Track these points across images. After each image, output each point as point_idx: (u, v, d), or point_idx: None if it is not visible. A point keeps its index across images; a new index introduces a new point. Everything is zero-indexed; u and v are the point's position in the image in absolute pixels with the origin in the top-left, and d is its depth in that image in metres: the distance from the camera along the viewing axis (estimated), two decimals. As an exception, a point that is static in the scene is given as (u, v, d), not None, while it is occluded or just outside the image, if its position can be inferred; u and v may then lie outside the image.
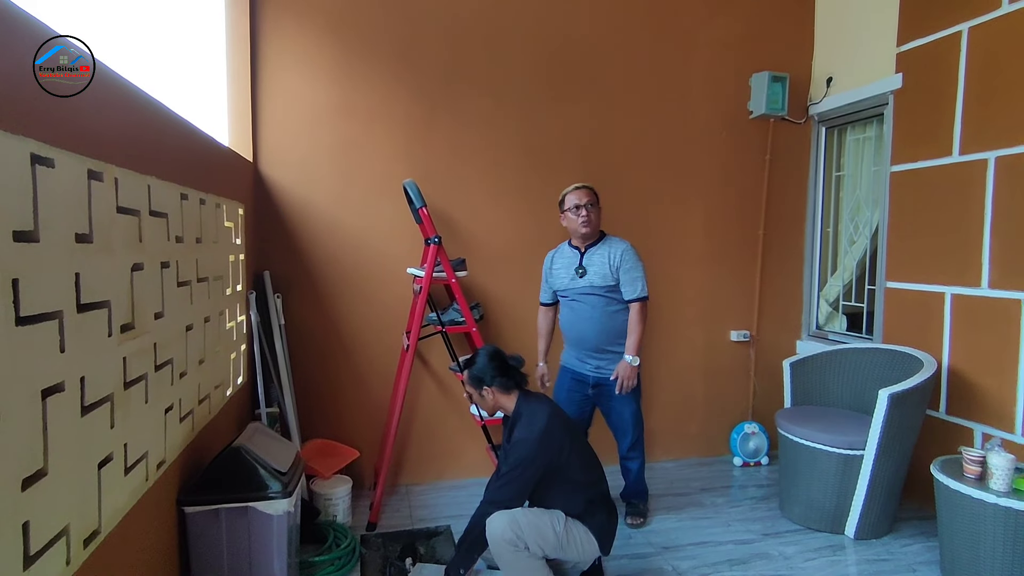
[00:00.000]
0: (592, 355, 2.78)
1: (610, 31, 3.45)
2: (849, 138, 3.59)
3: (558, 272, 2.84)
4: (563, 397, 2.87)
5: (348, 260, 3.21)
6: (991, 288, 2.63)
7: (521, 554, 1.99)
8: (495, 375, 2.19)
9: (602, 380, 2.78)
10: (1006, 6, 2.56)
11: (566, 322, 2.86)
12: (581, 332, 2.78)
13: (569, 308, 2.83)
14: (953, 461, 2.39)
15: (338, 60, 3.14)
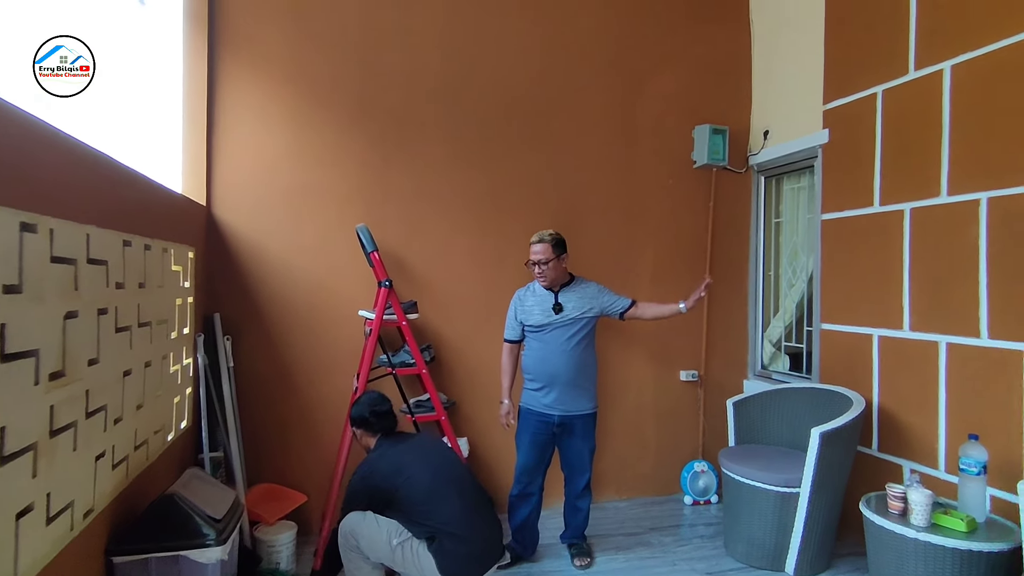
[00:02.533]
0: (563, 390, 2.82)
1: (563, 82, 3.63)
2: (786, 187, 3.81)
3: (531, 308, 2.89)
4: (528, 440, 2.88)
5: (300, 302, 3.24)
6: (912, 331, 2.79)
7: (352, 553, 2.30)
8: (360, 420, 2.50)
9: (567, 419, 2.83)
10: (912, 72, 2.80)
11: (536, 359, 2.87)
12: (554, 367, 2.82)
13: (542, 343, 2.86)
14: (881, 497, 2.49)
15: (294, 107, 3.24)
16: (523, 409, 2.91)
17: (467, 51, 3.49)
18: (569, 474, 2.98)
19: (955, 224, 2.59)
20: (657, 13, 3.77)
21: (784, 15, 3.64)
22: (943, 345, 2.63)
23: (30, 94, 1.27)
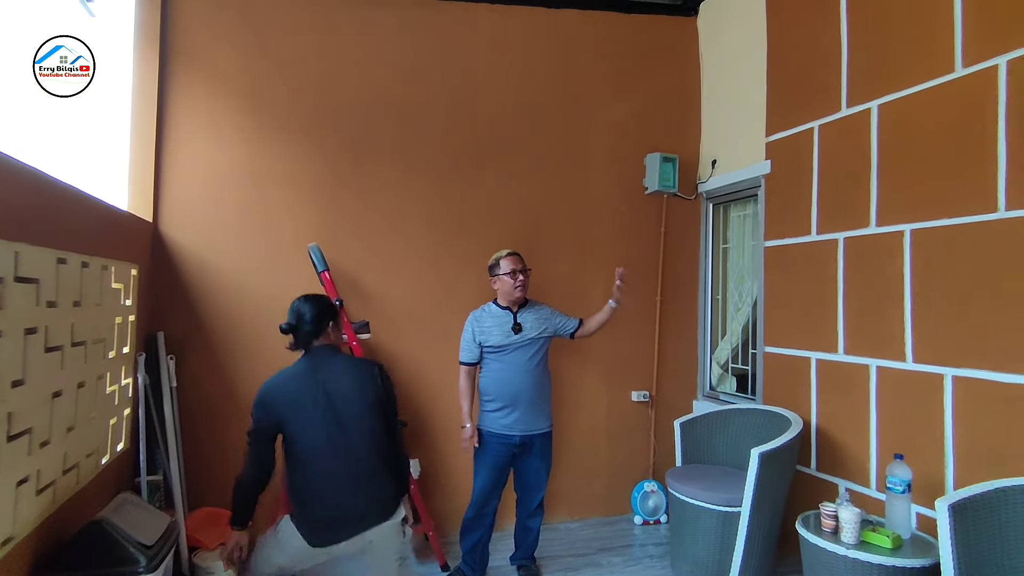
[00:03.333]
0: (524, 410, 2.84)
1: (518, 108, 3.71)
2: (733, 214, 3.96)
3: (490, 329, 2.91)
4: (489, 462, 2.88)
5: (250, 321, 3.20)
6: (846, 354, 2.91)
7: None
8: (285, 328, 2.21)
9: (527, 438, 2.86)
10: (844, 110, 2.97)
11: (498, 380, 2.88)
12: (517, 386, 2.85)
13: (502, 364, 2.88)
14: (815, 516, 2.57)
15: (248, 124, 3.23)
16: (483, 432, 2.90)
17: (424, 74, 3.55)
18: (523, 494, 2.99)
19: (883, 254, 2.73)
20: (612, 47, 3.90)
21: (730, 52, 3.82)
22: (873, 368, 2.76)
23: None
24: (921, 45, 2.59)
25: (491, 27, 3.68)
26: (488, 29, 3.67)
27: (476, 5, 3.65)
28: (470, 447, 2.91)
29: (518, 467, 2.95)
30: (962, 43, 2.43)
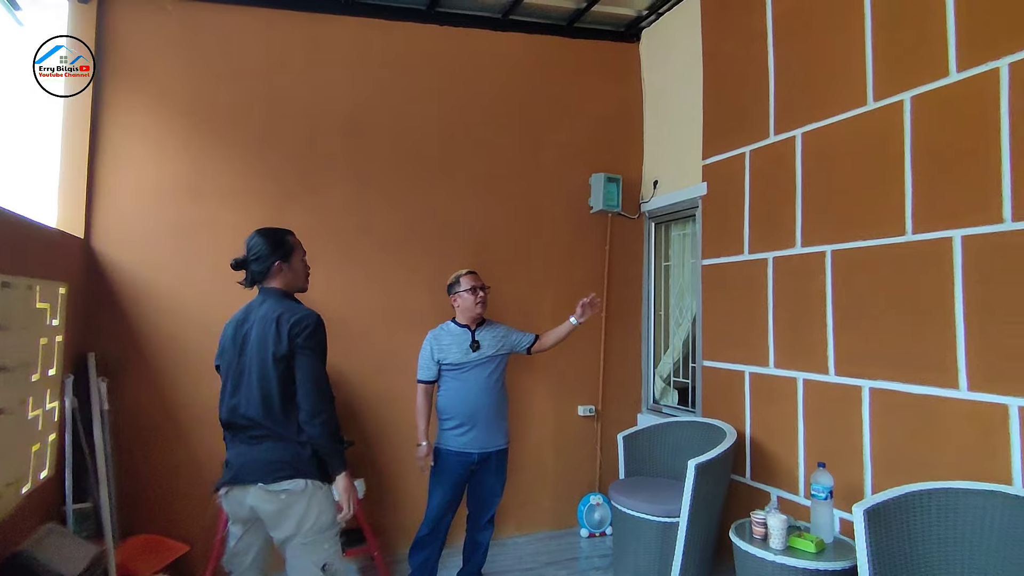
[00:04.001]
0: (483, 427, 2.88)
1: (467, 128, 3.78)
2: (674, 233, 4.12)
3: (449, 347, 2.93)
4: (447, 480, 2.88)
5: (190, 341, 3.12)
6: (776, 368, 3.07)
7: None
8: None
9: (485, 455, 2.89)
10: (772, 136, 3.15)
11: (456, 398, 2.89)
12: (475, 405, 2.88)
13: (461, 382, 2.90)
14: (748, 523, 2.69)
15: (189, 139, 3.18)
16: (441, 450, 2.91)
17: (374, 93, 3.57)
18: (476, 509, 3.01)
19: (808, 273, 2.90)
20: (558, 70, 4.02)
21: (670, 78, 3.99)
22: (800, 381, 2.92)
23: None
24: (838, 80, 2.78)
25: (440, 49, 3.74)
26: (437, 50, 3.73)
27: (425, 26, 3.70)
28: (426, 466, 2.91)
29: (473, 483, 2.97)
30: (873, 79, 2.63)
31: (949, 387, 2.28)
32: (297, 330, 1.96)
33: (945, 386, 2.29)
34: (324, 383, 1.98)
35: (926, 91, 2.42)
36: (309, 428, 1.94)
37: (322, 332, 2.02)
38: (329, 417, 1.96)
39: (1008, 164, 2.14)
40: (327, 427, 1.95)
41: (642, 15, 4.06)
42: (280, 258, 2.09)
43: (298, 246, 2.20)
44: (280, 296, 2.09)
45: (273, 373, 1.95)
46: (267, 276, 2.10)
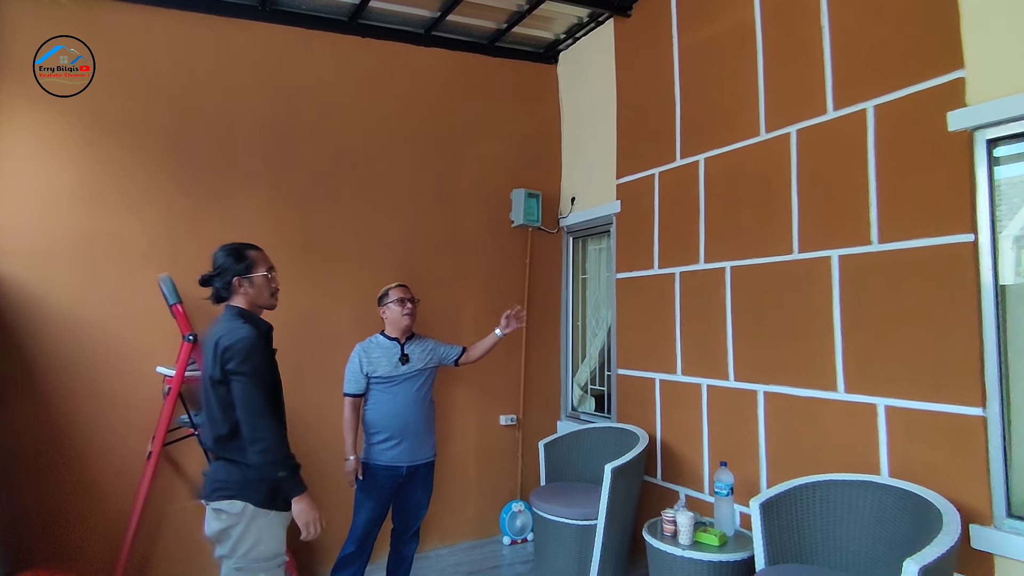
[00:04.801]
0: (412, 440, 2.88)
1: (390, 140, 3.78)
2: (590, 247, 4.31)
3: (378, 360, 2.91)
4: (375, 495, 2.85)
5: (87, 359, 2.92)
6: (683, 375, 3.30)
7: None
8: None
9: (413, 468, 2.90)
10: (679, 160, 3.40)
11: (385, 411, 2.87)
12: (405, 417, 2.88)
13: (391, 395, 2.89)
14: (659, 522, 2.87)
15: (87, 146, 2.99)
16: (369, 465, 2.88)
17: (292, 101, 3.51)
18: (402, 522, 3.01)
19: (710, 286, 3.15)
20: (480, 87, 4.11)
21: (586, 100, 4.20)
22: (704, 387, 3.15)
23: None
24: (735, 111, 3.06)
25: (362, 61, 3.73)
26: (359, 62, 3.72)
27: (346, 37, 3.68)
28: (353, 480, 2.87)
29: (400, 497, 2.97)
30: (765, 112, 2.92)
31: (829, 390, 2.56)
32: (228, 355, 1.89)
33: (826, 389, 2.57)
34: (260, 408, 1.90)
35: (808, 125, 2.71)
36: (250, 456, 1.89)
37: (256, 355, 1.93)
38: (269, 445, 1.88)
39: (875, 193, 2.45)
40: (266, 455, 1.88)
41: (560, 38, 4.25)
42: (239, 273, 2.03)
43: (261, 261, 2.12)
44: (233, 316, 2.01)
45: (213, 398, 1.92)
46: (230, 292, 2.05)
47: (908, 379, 2.30)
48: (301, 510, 1.93)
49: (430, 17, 3.78)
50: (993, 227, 2.14)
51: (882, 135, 2.43)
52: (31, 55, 2.88)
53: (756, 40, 2.96)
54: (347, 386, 2.93)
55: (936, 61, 2.26)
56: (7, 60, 2.83)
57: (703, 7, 3.28)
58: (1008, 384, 2.10)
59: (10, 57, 2.84)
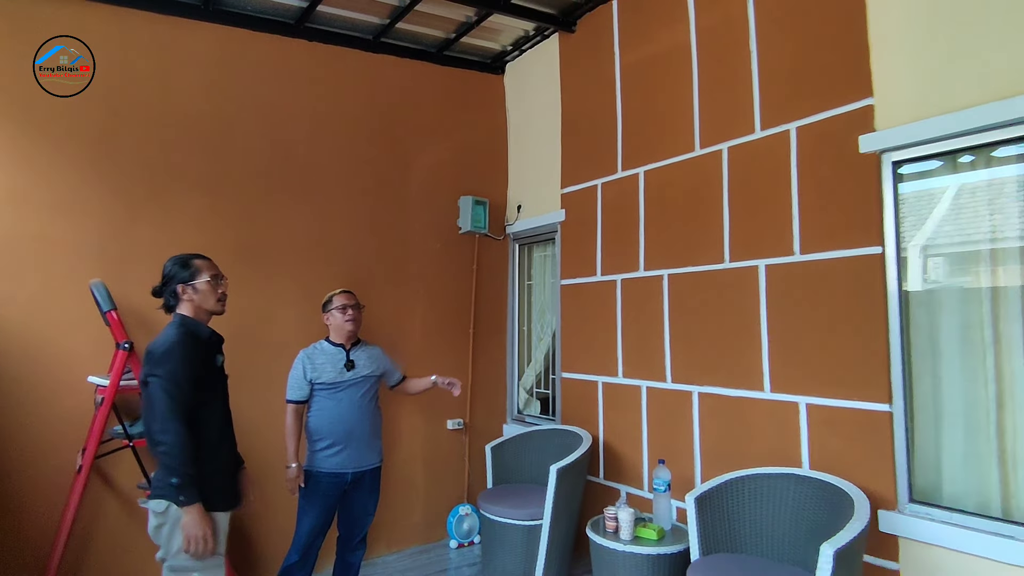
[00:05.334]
0: (356, 447, 2.87)
1: (336, 146, 3.76)
2: (536, 254, 4.42)
3: (323, 366, 2.88)
4: (319, 503, 2.82)
5: (10, 368, 2.76)
6: (624, 377, 3.44)
7: None
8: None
9: (358, 474, 2.89)
10: (620, 172, 3.56)
11: (330, 417, 2.85)
12: (350, 423, 2.86)
13: (335, 401, 2.87)
14: (602, 519, 2.99)
15: (9, 146, 2.83)
16: (312, 472, 2.85)
17: (236, 103, 3.44)
18: (348, 530, 2.99)
19: (649, 293, 3.31)
20: (428, 95, 4.15)
21: (532, 110, 4.31)
22: (644, 389, 3.31)
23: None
24: (672, 127, 3.23)
25: (309, 65, 3.69)
26: (306, 66, 3.68)
27: (293, 41, 3.65)
28: (295, 488, 2.83)
29: (345, 503, 2.95)
30: (699, 129, 3.10)
31: (757, 389, 2.75)
32: (148, 358, 1.97)
33: (754, 388, 2.76)
34: (165, 411, 1.90)
35: (738, 143, 2.91)
36: (153, 455, 1.96)
37: (173, 359, 1.94)
38: (168, 449, 1.88)
39: (797, 207, 2.65)
40: (164, 458, 1.91)
41: (507, 50, 4.34)
42: (184, 280, 2.10)
43: (206, 268, 2.19)
44: (176, 324, 2.07)
45: (144, 401, 1.99)
46: (176, 300, 2.10)
47: (825, 379, 2.51)
48: (187, 523, 1.91)
49: (379, 24, 3.80)
50: (898, 240, 2.37)
51: (803, 154, 2.65)
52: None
53: (692, 62, 3.15)
54: (290, 392, 2.90)
55: (849, 89, 2.49)
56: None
57: (643, 28, 3.45)
58: (911, 382, 2.34)
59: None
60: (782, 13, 2.76)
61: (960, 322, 2.27)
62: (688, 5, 3.18)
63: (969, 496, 2.20)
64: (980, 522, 2.10)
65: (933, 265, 2.40)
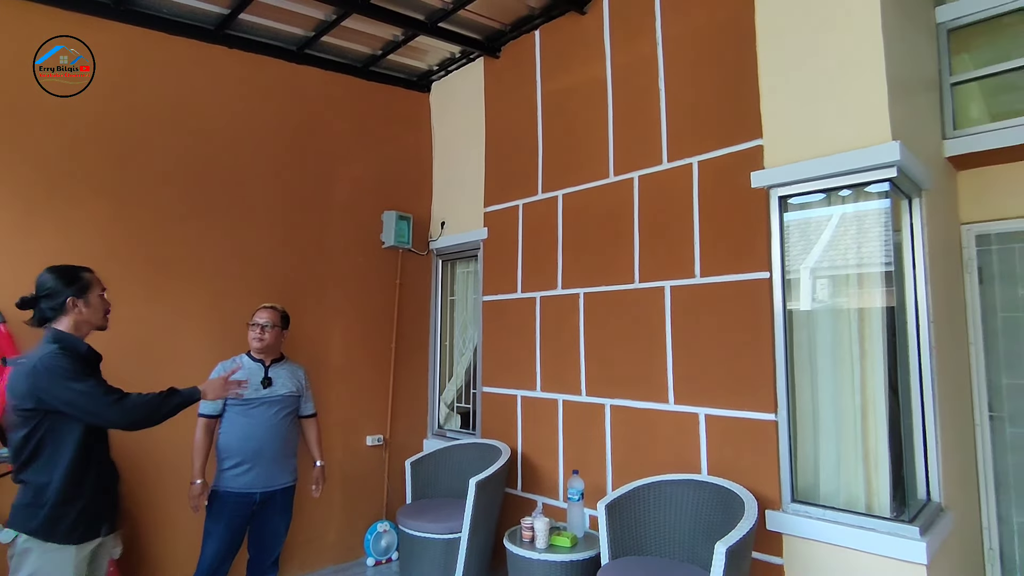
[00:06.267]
0: (266, 466, 2.80)
1: (257, 153, 3.68)
2: (459, 270, 4.50)
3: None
4: (224, 524, 2.72)
5: None
6: (542, 391, 3.57)
7: None
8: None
9: (268, 494, 2.81)
10: (540, 194, 3.72)
11: (240, 435, 2.77)
12: (261, 441, 2.79)
13: (248, 418, 2.79)
14: (519, 530, 3.08)
15: None
16: (219, 492, 2.76)
17: (150, 106, 3.30)
18: (258, 552, 2.91)
19: (566, 310, 3.47)
20: (353, 109, 4.15)
21: (457, 130, 4.41)
22: (560, 402, 3.45)
23: None
24: (589, 154, 3.44)
25: (230, 72, 3.61)
26: (226, 73, 3.59)
27: (212, 47, 3.55)
28: (200, 506, 2.73)
29: (255, 525, 2.87)
30: (613, 157, 3.32)
31: (662, 401, 2.96)
32: (34, 378, 1.89)
33: (660, 401, 2.97)
34: (106, 399, 1.96)
35: (648, 173, 3.15)
36: (32, 475, 1.92)
37: (62, 376, 1.90)
38: (134, 404, 2.02)
39: (697, 234, 2.90)
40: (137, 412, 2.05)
41: (433, 69, 4.43)
42: (74, 294, 2.01)
43: (96, 282, 2.11)
44: (54, 339, 1.96)
45: (20, 425, 1.90)
46: (59, 314, 1.99)
47: (722, 391, 2.75)
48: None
49: (303, 36, 3.78)
50: (783, 266, 2.66)
51: (704, 186, 2.91)
52: None
53: (607, 94, 3.37)
54: (201, 406, 2.81)
55: (743, 130, 2.77)
56: None
57: (564, 60, 3.66)
58: (794, 394, 2.61)
59: None
60: (687, 58, 3.03)
61: (832, 339, 2.57)
62: (605, 42, 3.41)
63: (840, 494, 2.49)
64: (848, 517, 2.38)
65: (812, 288, 2.70)
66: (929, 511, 2.39)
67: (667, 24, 3.13)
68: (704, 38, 2.96)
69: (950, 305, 2.96)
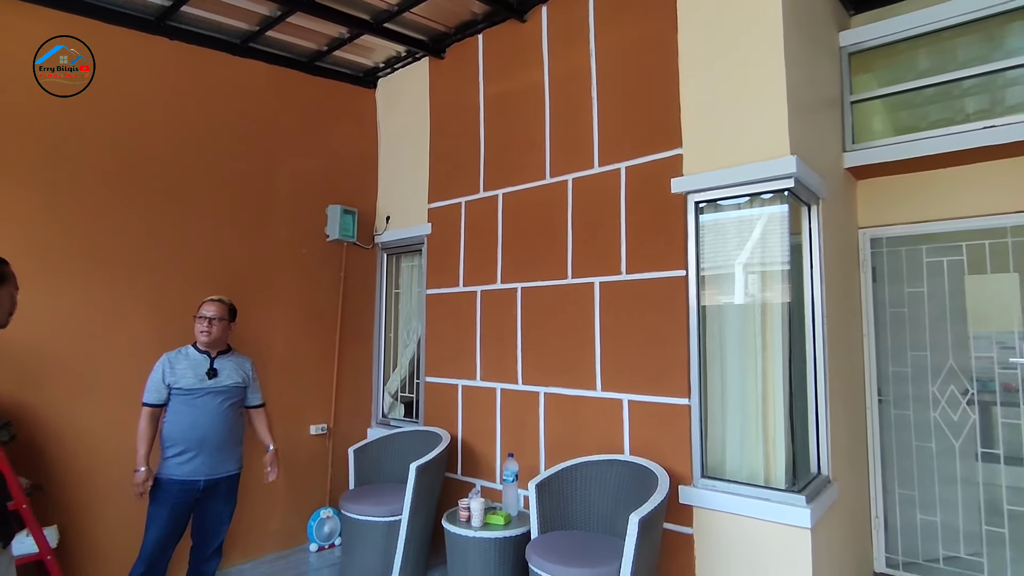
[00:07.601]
0: (210, 454, 2.86)
1: (199, 145, 3.68)
2: (404, 264, 4.62)
3: (183, 372, 2.86)
4: (167, 512, 2.77)
5: None
6: (481, 380, 3.76)
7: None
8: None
9: (212, 482, 2.88)
10: (482, 192, 3.88)
11: (184, 424, 2.82)
12: (204, 432, 2.84)
13: (192, 407, 2.84)
14: (456, 511, 3.26)
15: None
16: (162, 480, 2.81)
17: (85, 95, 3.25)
18: (201, 539, 2.97)
19: (505, 304, 3.66)
20: (298, 103, 4.19)
21: (402, 126, 4.51)
22: (498, 390, 3.65)
23: None
24: (527, 155, 3.62)
25: (170, 63, 3.59)
26: (166, 65, 3.58)
27: (152, 37, 3.53)
28: (144, 492, 2.77)
29: (199, 512, 2.93)
30: (550, 159, 3.51)
31: (590, 389, 3.19)
32: None
33: (588, 388, 3.20)
34: None
35: (580, 176, 3.36)
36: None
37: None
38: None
39: (624, 233, 3.14)
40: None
41: (379, 66, 4.52)
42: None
43: (11, 278, 1.99)
44: None
45: None
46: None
47: (643, 378, 3.00)
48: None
49: (248, 30, 3.79)
50: (698, 264, 2.92)
51: (631, 190, 3.14)
52: None
53: (545, 100, 3.57)
54: (146, 395, 2.86)
55: (665, 139, 3.02)
56: None
57: (505, 64, 3.82)
58: (705, 380, 2.89)
59: None
60: (618, 70, 3.25)
61: (739, 332, 2.86)
62: (543, 50, 3.60)
63: (743, 470, 2.78)
64: (749, 490, 2.67)
65: (722, 285, 2.98)
66: (817, 483, 2.71)
67: (600, 37, 3.34)
68: (633, 53, 3.19)
69: (847, 301, 3.31)
